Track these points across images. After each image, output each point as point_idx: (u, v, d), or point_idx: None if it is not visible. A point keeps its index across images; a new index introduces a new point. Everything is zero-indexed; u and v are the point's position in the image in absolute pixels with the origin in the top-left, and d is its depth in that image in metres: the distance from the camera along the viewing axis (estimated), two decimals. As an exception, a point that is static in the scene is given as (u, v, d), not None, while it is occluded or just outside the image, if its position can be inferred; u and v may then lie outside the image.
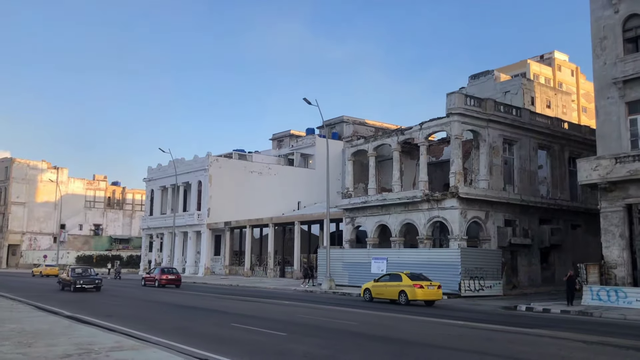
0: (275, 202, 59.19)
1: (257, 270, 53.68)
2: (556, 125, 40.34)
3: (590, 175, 27.15)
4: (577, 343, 13.68)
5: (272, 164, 64.44)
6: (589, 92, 70.46)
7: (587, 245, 38.66)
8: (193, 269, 58.68)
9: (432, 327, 16.81)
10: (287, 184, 61.67)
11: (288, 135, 75.85)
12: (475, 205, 34.22)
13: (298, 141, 69.68)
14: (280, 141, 76.61)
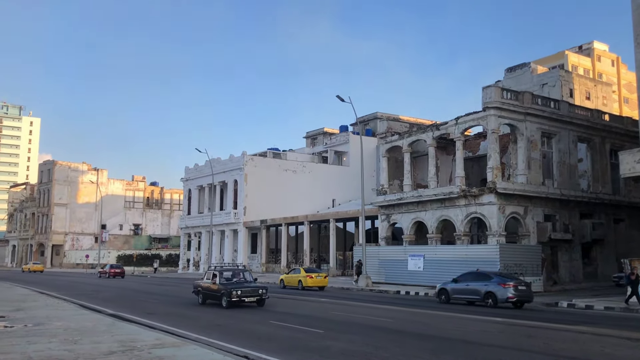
0: (309, 199, 59.42)
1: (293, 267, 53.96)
2: (596, 117, 39.28)
3: (634, 167, 26.37)
4: (622, 340, 13.33)
5: (306, 162, 64.67)
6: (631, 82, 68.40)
7: (631, 239, 37.57)
8: (230, 267, 59.41)
9: (471, 324, 16.61)
10: (321, 182, 61.80)
11: (322, 133, 75.96)
12: (513, 200, 33.63)
13: (332, 139, 69.72)
14: (314, 139, 76.79)
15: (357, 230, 46.32)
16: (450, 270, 32.38)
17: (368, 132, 64.95)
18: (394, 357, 10.91)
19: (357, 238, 45.53)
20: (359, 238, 41.37)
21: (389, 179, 42.74)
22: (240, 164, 58.45)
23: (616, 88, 73.34)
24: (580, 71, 67.35)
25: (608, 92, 59.00)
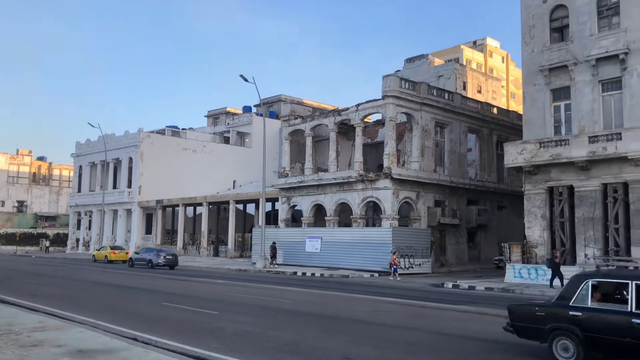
0: (210, 180, 58.37)
1: (190, 250, 53.04)
2: (486, 109, 41.75)
3: (516, 158, 28.37)
4: (500, 318, 14.37)
5: (207, 142, 63.37)
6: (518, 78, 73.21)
7: (512, 225, 40.52)
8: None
9: (364, 304, 17.22)
10: (222, 163, 60.87)
11: (224, 113, 74.72)
12: (407, 185, 35.08)
13: (234, 119, 68.80)
14: (216, 119, 75.39)
15: (257, 212, 46.26)
16: (347, 252, 33.39)
17: (272, 114, 64.75)
18: (288, 337, 11.09)
19: (257, 220, 45.49)
20: (259, 220, 41.37)
21: (291, 162, 43.00)
22: (136, 141, 56.15)
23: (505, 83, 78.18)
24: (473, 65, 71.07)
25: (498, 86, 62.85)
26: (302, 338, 11.00)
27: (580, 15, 27.61)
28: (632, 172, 24.88)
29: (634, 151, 24.30)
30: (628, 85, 25.85)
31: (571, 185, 27.01)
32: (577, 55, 27.44)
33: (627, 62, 25.82)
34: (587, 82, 27.12)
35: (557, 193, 27.65)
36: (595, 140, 25.64)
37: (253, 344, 10.35)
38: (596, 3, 27.23)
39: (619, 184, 25.52)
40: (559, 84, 28.29)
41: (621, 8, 26.33)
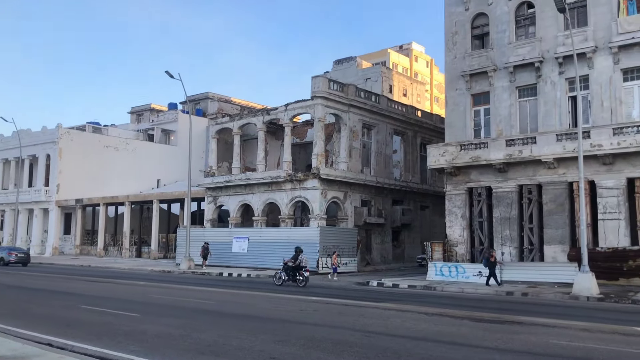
0: (133, 179, 56.48)
1: (111, 251, 51.16)
2: (411, 112, 42.89)
3: (438, 160, 29.31)
4: (419, 315, 14.82)
5: (130, 139, 61.28)
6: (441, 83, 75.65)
7: (434, 225, 41.89)
8: (39, 248, 54.36)
9: (289, 304, 17.22)
10: (146, 161, 59.05)
11: (149, 110, 72.57)
12: (335, 186, 35.44)
13: (159, 116, 66.94)
14: (140, 115, 73.11)
15: (183, 212, 45.27)
16: (274, 252, 33.25)
17: (198, 112, 63.52)
18: (212, 338, 10.91)
19: (182, 220, 44.51)
20: (184, 220, 40.48)
21: (218, 161, 42.39)
22: (55, 137, 53.48)
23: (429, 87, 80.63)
24: (399, 69, 72.84)
25: (422, 90, 64.71)
26: (226, 339, 10.85)
27: (500, 24, 28.91)
28: (545, 174, 26.31)
29: (547, 154, 25.70)
30: (542, 92, 27.32)
31: (489, 187, 28.21)
32: (497, 62, 28.71)
33: (542, 70, 27.29)
34: (505, 88, 28.43)
35: (476, 194, 28.80)
36: (512, 144, 26.91)
37: (175, 346, 10.10)
38: (514, 13, 28.60)
39: (534, 185, 26.91)
40: (479, 89, 29.50)
41: (537, 18, 27.80)
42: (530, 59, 27.42)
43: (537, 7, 27.80)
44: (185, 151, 39.55)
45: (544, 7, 27.31)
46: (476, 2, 29.93)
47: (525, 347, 10.38)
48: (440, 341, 10.77)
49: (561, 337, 11.36)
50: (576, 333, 12.03)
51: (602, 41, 25.59)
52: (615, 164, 24.45)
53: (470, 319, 14.15)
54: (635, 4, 25.11)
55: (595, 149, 24.27)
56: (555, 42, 26.90)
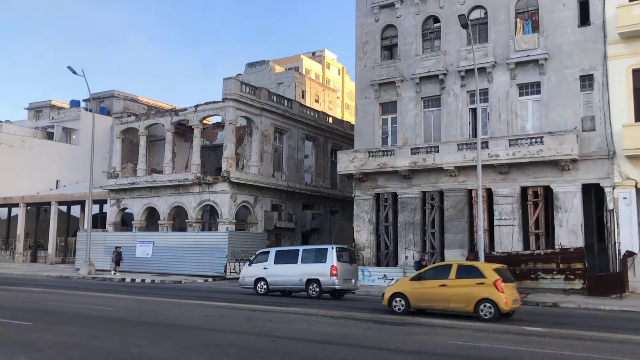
0: (29, 179, 52.86)
1: (3, 255, 47.72)
2: (322, 118, 43.48)
3: (348, 166, 29.92)
4: (326, 318, 15.01)
5: (27, 137, 57.43)
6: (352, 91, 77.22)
7: (343, 229, 42.63)
8: None
9: (195, 309, 16.85)
10: (45, 160, 55.50)
11: (48, 106, 68.49)
12: (245, 190, 35.16)
13: (60, 113, 63.30)
14: (39, 112, 68.86)
15: (83, 214, 43.09)
16: (181, 257, 32.51)
17: (102, 110, 60.74)
18: (112, 346, 10.45)
19: (83, 223, 42.38)
20: (85, 223, 38.56)
21: (123, 162, 40.83)
22: (-60, 132, 49.20)
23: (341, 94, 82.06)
24: (312, 75, 73.59)
25: (334, 97, 65.76)
26: (127, 347, 10.43)
27: (408, 36, 30.00)
28: (447, 181, 27.56)
29: (448, 163, 26.94)
30: (445, 103, 28.61)
31: (395, 192, 29.15)
32: (404, 73, 29.74)
33: (446, 83, 28.59)
34: (412, 98, 29.52)
35: (383, 199, 29.65)
36: (417, 152, 27.98)
37: (71, 356, 9.57)
38: (421, 26, 29.78)
39: (436, 192, 28.11)
40: (388, 99, 30.43)
41: (442, 33, 29.11)
42: (435, 72, 28.65)
43: (442, 22, 29.11)
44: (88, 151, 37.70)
45: (448, 22, 28.65)
46: (386, 14, 30.88)
47: (426, 347, 10.79)
48: (346, 344, 10.96)
49: (458, 338, 11.92)
50: (472, 334, 12.65)
51: (501, 57, 27.22)
52: (511, 173, 26.05)
53: (374, 321, 14.51)
54: (531, 24, 26.94)
55: (493, 159, 25.74)
56: (458, 56, 28.28)
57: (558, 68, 25.83)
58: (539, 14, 26.65)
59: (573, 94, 25.46)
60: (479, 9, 28.31)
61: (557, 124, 25.51)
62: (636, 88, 24.15)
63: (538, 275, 23.61)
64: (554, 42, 26.02)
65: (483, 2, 28.08)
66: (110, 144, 49.76)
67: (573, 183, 24.82)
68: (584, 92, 25.39)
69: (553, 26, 26.17)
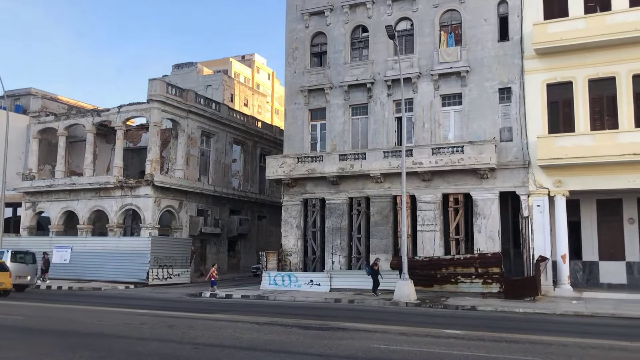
0: None
1: None
2: (251, 123, 43.21)
3: (277, 171, 29.86)
4: (251, 324, 14.86)
5: None
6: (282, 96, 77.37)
7: (270, 234, 42.48)
8: None
9: (114, 317, 16.23)
10: (-49, 160, 51.94)
11: (-43, 102, 64.10)
12: (169, 194, 34.34)
13: (-30, 110, 59.51)
14: (-54, 108, 64.30)
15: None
16: (101, 263, 31.34)
17: (18, 108, 57.33)
18: (21, 356, 9.86)
19: (-6, 227, 39.83)
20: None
21: (40, 164, 38.89)
22: None
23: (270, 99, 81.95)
24: (241, 79, 73.08)
25: (263, 102, 65.58)
26: (39, 357, 9.88)
27: (337, 45, 30.37)
28: (373, 187, 28.07)
29: (375, 170, 27.45)
30: (373, 112, 29.16)
31: (323, 198, 29.38)
32: (333, 80, 30.08)
33: (373, 91, 29.14)
34: (340, 105, 29.89)
35: (311, 204, 29.80)
36: (345, 158, 28.34)
37: (-26, 370, 8.96)
38: (350, 35, 30.24)
39: (363, 198, 28.56)
40: (317, 105, 30.65)
41: (370, 42, 29.68)
42: (363, 80, 29.15)
43: (370, 32, 29.69)
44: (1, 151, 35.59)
45: (376, 33, 29.26)
46: (316, 21, 31.15)
47: (349, 352, 10.89)
48: (270, 350, 10.89)
49: (381, 341, 12.12)
50: (394, 337, 12.91)
51: (426, 68, 28.08)
52: (433, 181, 26.88)
53: (299, 326, 14.51)
54: (454, 37, 27.97)
55: (417, 167, 26.47)
56: (385, 66, 28.92)
57: (479, 80, 26.95)
58: (462, 27, 27.72)
59: (492, 106, 26.62)
60: (406, 21, 29.10)
61: (477, 134, 26.58)
62: (550, 102, 25.57)
63: (458, 280, 24.45)
64: (475, 55, 27.14)
65: (409, 14, 28.89)
66: (26, 145, 47.22)
67: (491, 191, 25.92)
68: (502, 104, 26.61)
69: (474, 40, 27.29)
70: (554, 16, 25.63)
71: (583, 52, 24.66)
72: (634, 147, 22.66)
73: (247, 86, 65.84)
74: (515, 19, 26.60)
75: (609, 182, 23.71)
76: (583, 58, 24.73)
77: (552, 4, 26.05)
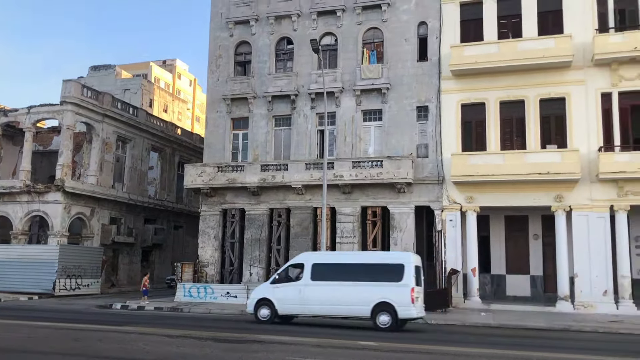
0: None
1: None
2: (170, 129, 42.16)
3: (195, 180, 29.24)
4: (163, 337, 14.35)
5: None
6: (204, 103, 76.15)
7: (187, 245, 41.47)
8: None
9: (15, 330, 15.19)
10: None
11: None
12: (81, 200, 32.78)
13: None
14: None
15: None
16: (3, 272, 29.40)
17: None
18: None
19: None
20: None
21: None
22: None
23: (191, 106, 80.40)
24: (162, 84, 71.25)
25: (184, 108, 64.24)
26: None
27: (262, 55, 30.31)
28: (294, 199, 28.10)
29: (296, 181, 27.51)
30: (296, 123, 29.27)
31: (243, 209, 29.05)
32: (257, 90, 29.95)
33: (297, 103, 29.27)
34: (264, 115, 29.78)
35: (230, 215, 29.38)
36: (267, 169, 28.22)
37: None
38: (275, 46, 30.27)
39: (283, 209, 28.51)
40: (239, 114, 30.37)
41: (295, 55, 29.85)
42: (287, 92, 29.22)
43: (295, 44, 29.86)
44: None
45: (301, 45, 29.47)
46: (241, 30, 30.96)
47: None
48: None
49: (296, 354, 12.04)
50: (310, 349, 12.88)
51: (348, 84, 28.56)
52: (353, 193, 27.29)
53: (214, 339, 14.18)
54: (376, 55, 28.67)
55: (338, 179, 26.78)
56: (309, 79, 29.15)
57: (398, 98, 27.73)
58: (384, 46, 28.47)
59: (410, 123, 27.45)
60: (330, 36, 29.52)
61: (395, 149, 27.30)
62: (464, 121, 26.71)
63: (374, 292, 24.78)
64: (396, 73, 27.93)
65: (334, 29, 29.35)
66: None
67: (407, 205, 26.65)
68: (420, 122, 27.50)
69: (395, 58, 28.10)
70: (470, 40, 26.88)
71: (495, 75, 26.00)
72: (540, 167, 24.08)
73: (168, 92, 64.29)
74: (434, 40, 27.65)
75: (516, 200, 25.03)
76: (495, 81, 26.07)
77: (469, 28, 27.32)
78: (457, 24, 27.34)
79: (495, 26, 26.73)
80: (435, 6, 27.71)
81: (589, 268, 23.81)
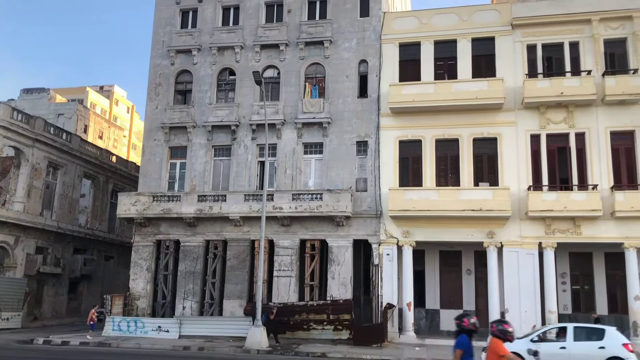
0: None
1: None
2: (105, 157, 40.88)
3: (129, 209, 28.34)
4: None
5: None
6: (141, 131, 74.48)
7: (118, 276, 39.85)
8: None
9: None
10: None
11: None
12: (5, 228, 31.03)
13: None
14: None
15: None
16: None
17: None
18: None
19: None
20: None
21: None
22: None
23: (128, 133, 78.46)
24: (98, 110, 69.36)
25: (120, 136, 62.61)
26: None
27: (203, 84, 30.12)
28: (232, 231, 27.68)
29: (234, 212, 27.16)
30: (236, 154, 29.06)
31: (178, 240, 28.34)
32: (197, 119, 29.63)
33: (237, 134, 29.13)
34: (203, 145, 29.42)
35: (164, 246, 28.56)
36: (204, 200, 27.73)
37: None
38: (217, 76, 30.19)
39: (220, 241, 28.00)
40: (178, 143, 29.89)
41: (237, 86, 29.84)
42: (228, 122, 29.05)
43: (237, 76, 29.88)
44: None
45: (243, 77, 29.51)
46: (182, 59, 30.72)
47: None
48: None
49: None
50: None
51: (290, 116, 28.72)
52: (292, 226, 27.17)
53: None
54: (318, 90, 29.08)
55: (277, 211, 26.64)
56: (251, 110, 29.13)
57: (339, 132, 28.11)
58: (326, 81, 28.93)
59: (350, 157, 27.82)
60: (273, 69, 29.74)
61: (335, 182, 27.52)
62: (402, 157, 27.32)
63: (310, 326, 24.61)
64: (337, 108, 28.36)
65: (277, 62, 29.60)
66: None
67: (346, 238, 26.77)
68: (359, 156, 27.92)
69: (337, 94, 28.57)
70: (408, 79, 27.74)
71: (432, 114, 26.86)
72: (473, 203, 24.85)
73: (104, 118, 62.55)
74: (373, 78, 28.35)
75: (450, 235, 25.63)
76: (432, 119, 26.91)
77: (407, 68, 28.22)
78: (396, 63, 28.19)
79: (432, 67, 27.74)
80: (376, 45, 28.53)
81: (519, 303, 24.53)
